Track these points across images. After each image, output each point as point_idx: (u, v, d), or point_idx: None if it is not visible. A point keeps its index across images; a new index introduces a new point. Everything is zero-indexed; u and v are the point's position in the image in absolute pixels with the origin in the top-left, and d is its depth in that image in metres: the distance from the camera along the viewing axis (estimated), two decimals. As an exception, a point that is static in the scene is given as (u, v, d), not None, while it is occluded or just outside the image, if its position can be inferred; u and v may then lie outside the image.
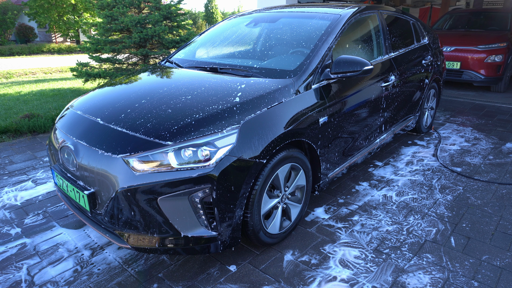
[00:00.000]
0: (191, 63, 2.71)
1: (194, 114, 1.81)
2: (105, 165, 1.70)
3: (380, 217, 2.46)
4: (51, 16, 17.44)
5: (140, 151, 1.66)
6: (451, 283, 1.84)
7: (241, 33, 3.16)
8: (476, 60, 6.22)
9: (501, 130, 4.40)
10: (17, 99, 5.90)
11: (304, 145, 2.24)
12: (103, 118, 1.92)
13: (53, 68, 10.11)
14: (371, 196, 2.76)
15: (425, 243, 2.17)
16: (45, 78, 8.58)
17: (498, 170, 3.25)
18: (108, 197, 1.70)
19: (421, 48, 3.74)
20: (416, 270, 1.93)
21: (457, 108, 5.51)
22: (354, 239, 2.21)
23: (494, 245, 2.16)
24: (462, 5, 13.00)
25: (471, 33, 6.75)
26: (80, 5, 17.81)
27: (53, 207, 2.60)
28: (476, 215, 2.49)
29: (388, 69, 2.98)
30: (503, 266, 1.96)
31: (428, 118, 4.21)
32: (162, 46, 5.75)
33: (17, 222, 2.41)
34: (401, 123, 3.50)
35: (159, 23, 5.60)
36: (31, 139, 4.07)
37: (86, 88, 6.65)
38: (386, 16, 3.25)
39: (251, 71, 2.30)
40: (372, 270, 1.94)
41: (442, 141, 4.01)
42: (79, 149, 1.83)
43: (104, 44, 5.55)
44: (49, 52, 16.01)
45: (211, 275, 1.90)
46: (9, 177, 3.09)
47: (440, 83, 4.30)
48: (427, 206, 2.60)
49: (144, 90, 2.19)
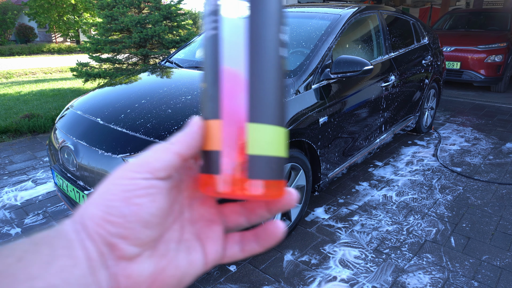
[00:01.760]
0: (191, 63, 2.71)
1: (194, 114, 1.81)
2: (105, 165, 1.70)
3: (380, 217, 2.46)
4: (51, 16, 17.44)
5: (140, 151, 1.66)
6: (451, 283, 1.84)
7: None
8: (476, 60, 6.22)
9: (501, 130, 4.40)
10: (17, 99, 5.90)
11: (304, 145, 2.24)
12: (103, 118, 1.92)
13: (53, 68, 10.11)
14: (371, 196, 2.76)
15: (425, 243, 2.17)
16: (45, 78, 8.59)
17: (498, 170, 3.25)
18: (108, 197, 1.69)
19: (421, 48, 3.74)
20: (416, 270, 1.93)
21: (457, 108, 5.51)
22: (354, 239, 2.21)
23: (494, 245, 2.16)
24: (462, 5, 13.00)
25: (471, 33, 6.75)
26: (80, 5, 17.82)
27: (53, 207, 2.60)
28: (476, 215, 2.49)
29: (388, 69, 2.98)
30: (503, 266, 1.96)
31: (428, 118, 4.21)
32: (162, 46, 5.75)
33: (17, 222, 2.41)
34: (401, 123, 3.50)
35: (159, 23, 5.60)
36: (31, 139, 4.07)
37: (86, 88, 6.65)
38: (386, 16, 3.25)
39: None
40: (372, 270, 1.94)
41: (442, 141, 4.01)
42: (79, 149, 1.83)
43: (104, 44, 5.55)
44: (49, 52, 16.02)
45: (211, 275, 1.90)
46: (9, 177, 3.09)
47: (440, 83, 4.30)
48: (427, 206, 2.60)
49: (144, 90, 2.19)
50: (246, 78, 0.30)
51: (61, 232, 0.27)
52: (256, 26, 0.30)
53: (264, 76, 0.30)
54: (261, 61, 0.30)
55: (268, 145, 0.30)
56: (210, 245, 0.33)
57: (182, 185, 0.33)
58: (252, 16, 0.30)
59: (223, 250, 0.34)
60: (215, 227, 0.34)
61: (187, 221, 0.33)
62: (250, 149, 0.29)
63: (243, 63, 0.30)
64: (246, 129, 0.29)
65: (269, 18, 0.30)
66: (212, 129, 0.30)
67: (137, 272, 0.28)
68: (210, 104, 0.31)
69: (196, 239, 0.33)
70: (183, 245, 0.32)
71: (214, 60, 0.31)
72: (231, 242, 0.34)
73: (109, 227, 0.27)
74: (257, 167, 0.29)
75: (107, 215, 0.27)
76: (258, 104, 0.30)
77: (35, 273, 0.24)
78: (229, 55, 0.30)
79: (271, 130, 0.30)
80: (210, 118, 0.31)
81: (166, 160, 0.29)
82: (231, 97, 0.30)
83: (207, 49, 0.32)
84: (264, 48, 0.30)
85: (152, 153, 0.29)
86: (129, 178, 0.28)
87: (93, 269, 0.27)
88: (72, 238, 0.27)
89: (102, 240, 0.27)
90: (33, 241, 0.26)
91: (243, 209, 0.35)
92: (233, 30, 0.30)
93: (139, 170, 0.28)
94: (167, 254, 0.31)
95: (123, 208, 0.27)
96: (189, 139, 0.30)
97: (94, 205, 0.28)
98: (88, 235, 0.27)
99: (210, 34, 0.31)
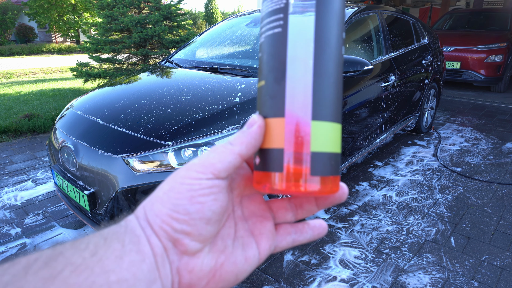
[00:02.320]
0: (191, 63, 2.71)
1: (194, 114, 1.81)
2: (105, 165, 1.70)
3: (380, 217, 2.46)
4: (51, 16, 17.44)
5: (140, 151, 1.66)
6: (451, 283, 1.84)
7: (241, 33, 3.16)
8: (476, 60, 6.22)
9: (501, 130, 4.40)
10: (17, 99, 5.90)
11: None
12: (103, 118, 1.92)
13: (53, 68, 10.11)
14: (371, 196, 2.76)
15: (425, 243, 2.17)
16: (45, 78, 8.59)
17: (498, 170, 3.25)
18: (108, 197, 1.70)
19: (421, 48, 3.74)
20: (416, 270, 1.93)
21: (457, 108, 5.51)
22: (354, 239, 2.21)
23: (494, 245, 2.16)
24: (462, 5, 13.00)
25: (471, 33, 6.75)
26: (80, 5, 17.82)
27: (53, 207, 2.60)
28: (476, 215, 2.49)
29: (388, 69, 2.98)
30: (503, 266, 1.96)
31: (428, 118, 4.21)
32: (162, 46, 5.75)
33: (17, 222, 2.41)
34: (401, 123, 3.50)
35: (159, 23, 5.60)
36: (31, 139, 4.07)
37: (86, 88, 6.65)
38: (386, 16, 3.25)
39: (251, 71, 2.30)
40: (372, 270, 1.94)
41: (442, 141, 4.01)
42: (79, 149, 1.83)
43: (104, 44, 5.55)
44: (49, 52, 16.02)
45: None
46: (9, 177, 3.09)
47: (440, 83, 4.30)
48: (427, 206, 2.60)
49: (144, 90, 2.19)
50: (311, 77, 0.30)
51: (128, 228, 0.29)
52: (323, 25, 0.30)
53: (329, 75, 0.30)
54: (327, 60, 0.30)
55: (329, 142, 0.30)
56: (264, 241, 0.34)
57: (233, 184, 0.34)
58: (318, 14, 0.30)
59: (276, 242, 0.35)
60: (267, 223, 0.35)
61: (239, 218, 0.35)
62: (313, 147, 0.30)
63: (309, 61, 0.30)
64: (310, 127, 0.30)
65: (335, 17, 0.31)
66: (274, 127, 0.31)
67: (198, 267, 0.30)
68: (272, 102, 0.31)
69: (250, 236, 0.34)
70: (239, 241, 0.34)
71: (279, 58, 0.31)
72: (284, 234, 0.36)
73: (175, 223, 0.29)
74: (319, 164, 0.30)
75: (173, 213, 0.29)
76: (322, 102, 0.30)
77: (109, 267, 0.25)
78: (296, 54, 0.30)
79: (332, 127, 0.31)
80: (271, 116, 0.31)
81: (229, 161, 0.30)
82: (296, 95, 0.30)
83: (270, 47, 0.32)
84: (329, 48, 0.30)
85: (215, 154, 0.31)
86: (194, 178, 0.30)
87: (158, 264, 0.28)
88: (140, 234, 0.29)
89: (167, 236, 0.29)
90: (103, 236, 0.27)
91: (290, 205, 0.36)
92: (300, 29, 0.30)
93: (204, 170, 0.30)
94: (225, 250, 0.32)
95: (188, 206, 0.29)
96: (251, 139, 0.31)
97: (160, 203, 0.30)
98: (153, 231, 0.29)
99: (273, 32, 0.31)
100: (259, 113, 0.32)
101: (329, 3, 0.30)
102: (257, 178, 0.32)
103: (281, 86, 0.30)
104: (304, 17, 0.30)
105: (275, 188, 0.31)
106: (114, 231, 0.28)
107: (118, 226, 0.29)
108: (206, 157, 0.31)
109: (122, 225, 0.29)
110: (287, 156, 0.30)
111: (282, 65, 0.30)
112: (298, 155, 0.30)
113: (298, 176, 0.30)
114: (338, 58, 0.31)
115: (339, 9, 0.31)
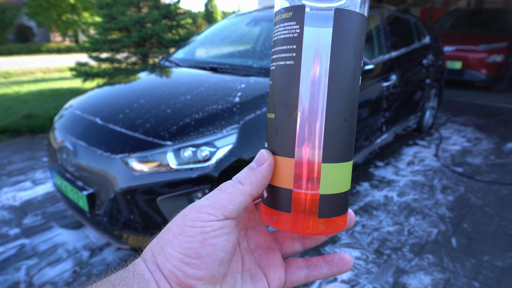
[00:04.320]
0: (190, 62, 2.70)
1: (193, 114, 1.80)
2: (104, 165, 1.68)
3: (381, 217, 2.44)
4: (50, 15, 17.41)
5: (139, 151, 1.65)
6: (452, 284, 1.83)
7: (241, 33, 3.14)
8: (477, 60, 6.21)
9: (503, 130, 4.39)
10: (15, 99, 5.88)
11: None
12: (102, 118, 1.91)
13: (52, 67, 10.10)
14: (372, 196, 2.74)
15: (426, 244, 2.15)
16: (44, 78, 8.57)
17: (500, 170, 3.23)
18: (107, 197, 1.68)
19: (422, 48, 3.72)
20: (417, 271, 1.92)
21: (458, 108, 5.50)
22: (355, 239, 2.20)
23: (496, 245, 2.14)
24: (463, 5, 12.98)
25: (472, 33, 6.74)
26: (79, 5, 17.79)
27: (52, 208, 2.58)
28: (478, 215, 2.48)
29: (389, 69, 2.97)
30: (505, 267, 1.95)
31: (429, 118, 4.20)
32: (162, 46, 5.73)
33: (16, 222, 2.40)
34: (402, 123, 3.48)
35: (158, 22, 5.58)
36: (30, 139, 4.05)
37: (85, 88, 6.63)
38: (387, 16, 3.23)
39: (251, 70, 2.28)
40: (373, 271, 1.92)
41: (443, 141, 3.99)
42: (78, 149, 1.81)
43: (103, 44, 5.53)
44: (48, 52, 16.00)
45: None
46: (8, 177, 3.07)
47: (441, 83, 4.28)
48: (428, 207, 2.59)
49: (143, 89, 2.18)
50: (324, 117, 0.28)
51: (136, 272, 0.29)
52: (337, 60, 0.28)
53: (342, 114, 0.29)
54: (341, 99, 0.29)
55: (339, 182, 0.30)
56: (272, 273, 0.34)
57: (238, 217, 0.34)
58: (334, 47, 0.28)
59: (286, 276, 0.34)
60: (274, 254, 0.34)
61: (245, 250, 0.34)
62: (322, 189, 0.29)
63: (321, 102, 0.28)
64: (320, 170, 0.29)
65: (352, 50, 0.28)
66: (283, 166, 0.30)
67: None
68: (282, 140, 0.30)
69: (257, 267, 0.34)
70: (247, 274, 0.33)
71: (291, 95, 0.29)
72: (294, 268, 0.35)
73: (186, 268, 0.28)
74: (327, 206, 0.29)
75: (184, 257, 0.28)
76: (334, 144, 0.29)
77: None
78: (308, 93, 0.29)
79: (342, 167, 0.30)
80: (281, 155, 0.30)
81: (239, 202, 0.30)
82: (307, 137, 0.29)
83: (282, 80, 0.30)
84: (344, 86, 0.29)
85: (225, 195, 0.30)
86: (205, 221, 0.29)
87: None
88: (148, 278, 0.28)
89: (178, 281, 0.29)
90: (111, 283, 0.27)
91: (298, 235, 0.36)
92: (314, 64, 0.28)
93: (215, 212, 0.29)
94: (235, 285, 0.32)
95: (200, 249, 0.28)
96: (261, 178, 0.30)
97: (170, 246, 0.29)
98: (163, 275, 0.29)
99: (285, 64, 0.29)
100: (268, 146, 0.31)
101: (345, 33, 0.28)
102: (265, 212, 0.32)
103: (292, 124, 0.29)
104: (317, 49, 0.28)
105: (284, 229, 0.30)
106: (122, 277, 0.28)
107: (126, 271, 0.29)
108: (216, 198, 0.30)
109: (130, 269, 0.29)
110: (295, 197, 0.29)
111: (294, 102, 0.29)
112: (305, 197, 0.29)
113: (306, 220, 0.29)
114: (353, 95, 0.29)
115: (357, 38, 0.28)
